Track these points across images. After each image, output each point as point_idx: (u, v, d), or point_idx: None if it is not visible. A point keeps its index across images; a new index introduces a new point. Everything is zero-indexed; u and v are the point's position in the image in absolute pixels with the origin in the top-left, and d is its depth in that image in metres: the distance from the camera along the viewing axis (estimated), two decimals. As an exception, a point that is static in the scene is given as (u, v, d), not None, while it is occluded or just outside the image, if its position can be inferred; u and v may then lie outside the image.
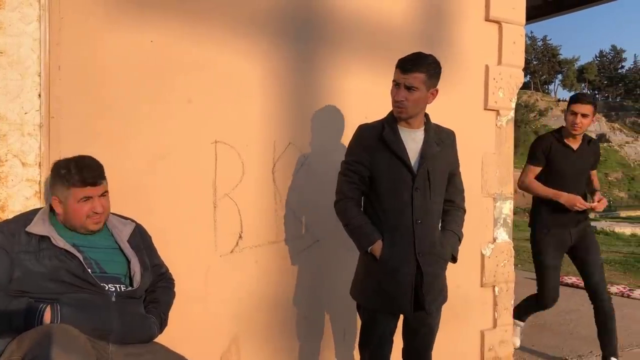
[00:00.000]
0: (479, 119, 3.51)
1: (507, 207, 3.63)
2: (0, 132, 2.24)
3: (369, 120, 2.57)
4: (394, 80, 2.39)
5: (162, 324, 2.23)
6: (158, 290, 2.32)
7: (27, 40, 2.29)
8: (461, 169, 2.69)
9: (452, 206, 2.59)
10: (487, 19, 3.50)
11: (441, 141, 2.49)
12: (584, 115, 3.56)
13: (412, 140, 2.44)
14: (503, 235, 3.62)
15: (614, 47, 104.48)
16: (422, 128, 2.47)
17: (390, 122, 2.45)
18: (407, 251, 2.39)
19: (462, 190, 2.66)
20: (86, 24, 2.41)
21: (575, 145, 3.72)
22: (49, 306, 1.95)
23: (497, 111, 3.56)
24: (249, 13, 2.76)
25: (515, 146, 3.92)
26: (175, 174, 2.60)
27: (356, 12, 3.07)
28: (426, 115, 2.51)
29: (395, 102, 2.39)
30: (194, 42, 2.63)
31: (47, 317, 1.93)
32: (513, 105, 3.63)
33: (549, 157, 3.71)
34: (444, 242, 2.49)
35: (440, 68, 2.42)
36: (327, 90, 3.00)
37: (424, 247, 2.41)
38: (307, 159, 2.95)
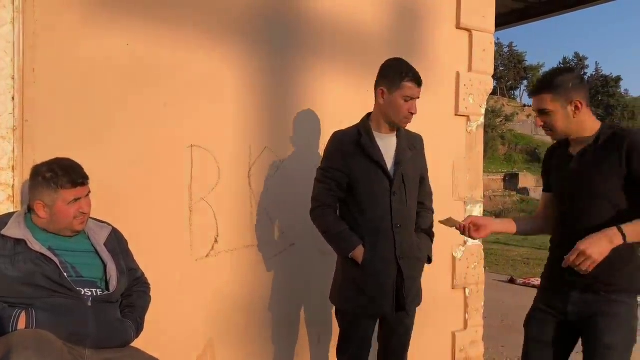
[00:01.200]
0: (450, 125, 3.59)
1: (477, 211, 3.71)
2: (-28, 136, 2.20)
3: (344, 126, 2.61)
4: (406, 95, 2.42)
5: (139, 328, 2.22)
6: (134, 294, 2.31)
7: (0, 42, 2.26)
8: (433, 174, 2.75)
9: (423, 208, 2.66)
10: (458, 27, 3.59)
11: (413, 146, 2.56)
12: (542, 112, 2.19)
13: (387, 146, 2.50)
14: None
15: (577, 55, 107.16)
16: (394, 133, 2.53)
17: (367, 129, 2.49)
18: (388, 255, 2.45)
19: (431, 193, 2.74)
20: (61, 26, 2.39)
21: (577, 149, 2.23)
22: (23, 311, 1.92)
23: (468, 117, 3.64)
24: (226, 17, 2.78)
25: (484, 150, 4.01)
26: (151, 177, 2.59)
27: (332, 18, 3.11)
28: None
29: (409, 115, 2.46)
30: (170, 46, 2.63)
31: (22, 322, 1.91)
32: (483, 111, 3.72)
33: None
34: (421, 245, 2.55)
35: None
36: (303, 94, 3.03)
37: (404, 251, 2.47)
38: (282, 164, 2.98)
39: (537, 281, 7.60)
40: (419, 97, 2.47)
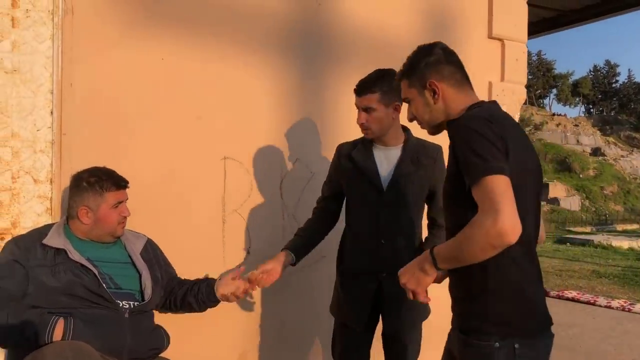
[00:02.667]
0: (482, 135, 3.54)
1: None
2: (13, 149, 2.26)
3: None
4: (356, 105, 2.39)
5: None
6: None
7: (40, 58, 2.31)
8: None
9: (435, 225, 2.52)
10: (490, 36, 3.55)
11: (418, 160, 2.40)
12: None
13: (386, 159, 2.40)
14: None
15: (607, 62, 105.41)
16: (400, 146, 2.42)
17: (366, 141, 2.45)
18: (369, 269, 2.38)
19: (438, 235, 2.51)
20: (98, 42, 2.44)
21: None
22: (61, 319, 1.94)
23: (501, 127, 3.59)
24: (258, 31, 2.80)
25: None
26: (185, 189, 2.62)
27: (364, 29, 3.11)
28: (407, 131, 2.46)
29: (360, 126, 2.38)
30: (204, 60, 2.66)
31: (60, 329, 1.92)
32: (517, 120, 3.66)
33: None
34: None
35: (390, 83, 2.33)
36: (335, 106, 3.03)
37: (388, 268, 2.30)
38: (314, 175, 2.98)
39: (571, 293, 7.48)
40: (365, 106, 2.32)
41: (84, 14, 2.40)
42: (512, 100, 3.63)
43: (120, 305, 2.08)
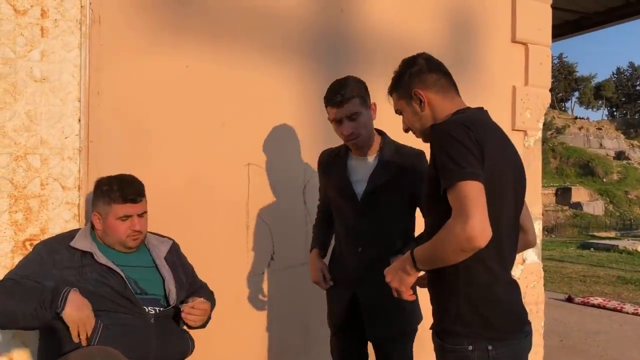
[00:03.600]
0: (506, 140, 3.50)
1: (536, 228, 3.60)
2: (42, 157, 2.29)
3: (400, 142, 2.58)
4: (332, 120, 2.31)
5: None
6: (197, 292, 2.34)
7: (68, 66, 2.35)
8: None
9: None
10: (514, 41, 3.53)
11: (396, 167, 2.33)
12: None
13: (362, 168, 2.36)
14: (532, 257, 3.59)
15: (631, 64, 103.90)
16: (375, 155, 2.37)
17: (345, 148, 2.42)
18: (345, 276, 2.37)
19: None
20: (124, 50, 2.47)
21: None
22: (74, 289, 1.93)
23: (525, 132, 3.56)
24: (282, 37, 2.82)
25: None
26: (210, 195, 2.64)
27: (386, 35, 3.11)
28: (383, 135, 2.42)
29: (346, 138, 2.31)
30: (228, 67, 2.68)
31: (75, 295, 1.91)
32: (540, 125, 3.63)
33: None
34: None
35: (363, 82, 2.35)
36: (357, 112, 3.02)
37: (363, 277, 2.31)
38: (337, 181, 2.97)
39: (596, 300, 7.35)
40: (350, 112, 2.26)
41: (110, 23, 2.44)
42: (536, 105, 3.60)
43: (147, 310, 2.10)
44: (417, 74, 1.80)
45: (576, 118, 75.51)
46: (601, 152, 62.22)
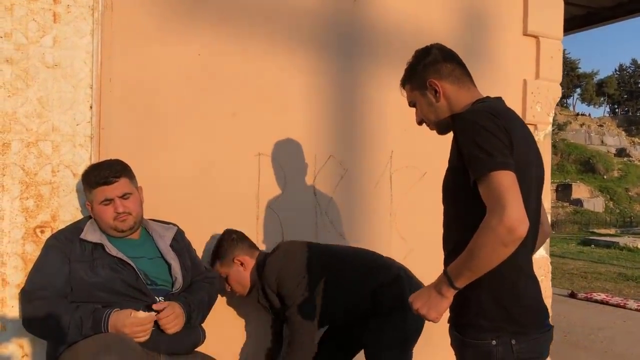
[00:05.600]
0: (516, 133, 3.49)
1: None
2: (53, 143, 2.28)
3: (409, 134, 2.57)
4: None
5: (190, 314, 2.14)
6: (194, 284, 2.28)
7: (80, 53, 2.33)
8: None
9: None
10: (525, 34, 3.50)
11: None
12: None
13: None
14: (540, 251, 3.57)
15: (634, 61, 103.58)
16: None
17: None
18: None
19: None
20: (136, 37, 2.45)
21: None
22: (115, 311, 1.95)
23: (535, 125, 3.54)
24: (294, 28, 2.80)
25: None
26: (220, 185, 2.62)
27: (397, 26, 3.09)
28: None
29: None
30: (239, 56, 2.66)
31: (117, 316, 1.94)
32: (551, 119, 3.61)
33: None
34: None
35: None
36: (368, 103, 3.01)
37: None
38: (346, 172, 2.96)
39: (599, 296, 7.35)
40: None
41: (123, 10, 2.42)
42: (546, 99, 3.57)
43: (158, 300, 2.09)
44: (431, 64, 1.75)
45: (578, 114, 75.38)
46: (602, 149, 62.13)
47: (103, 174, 2.09)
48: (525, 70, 3.53)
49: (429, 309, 1.57)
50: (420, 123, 1.86)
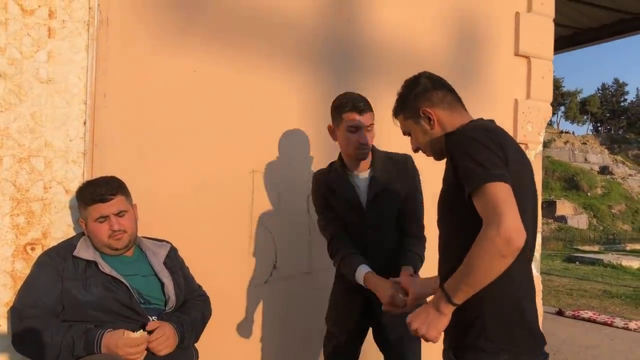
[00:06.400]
0: (508, 152, 3.51)
1: (536, 242, 3.61)
2: (46, 159, 2.25)
3: (402, 150, 2.56)
4: (350, 126, 2.28)
5: (184, 334, 2.10)
6: (188, 303, 2.25)
7: (74, 68, 2.31)
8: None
9: (405, 236, 2.41)
10: (517, 54, 3.54)
11: (388, 173, 2.39)
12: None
13: (361, 181, 2.38)
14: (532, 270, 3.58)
15: (616, 81, 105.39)
16: (367, 169, 2.40)
17: (339, 169, 2.40)
18: (357, 283, 2.27)
19: (414, 214, 2.43)
20: (132, 53, 2.44)
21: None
22: (108, 331, 1.91)
23: (527, 145, 3.57)
24: (289, 44, 2.80)
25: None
26: (214, 202, 2.60)
27: (391, 44, 3.11)
28: (374, 148, 2.43)
29: (360, 146, 2.29)
30: (236, 73, 2.66)
31: (110, 337, 1.89)
32: (541, 139, 3.64)
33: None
34: None
35: None
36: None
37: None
38: (340, 190, 2.95)
39: (586, 314, 7.38)
40: (368, 125, 2.30)
41: (118, 25, 2.40)
42: (537, 118, 3.61)
43: (151, 320, 2.05)
44: (422, 93, 1.78)
45: (562, 132, 76.35)
46: (586, 166, 62.86)
47: (99, 191, 2.06)
48: (516, 90, 3.57)
49: (428, 328, 1.54)
50: (416, 150, 1.89)
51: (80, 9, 2.32)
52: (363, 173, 2.39)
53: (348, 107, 2.30)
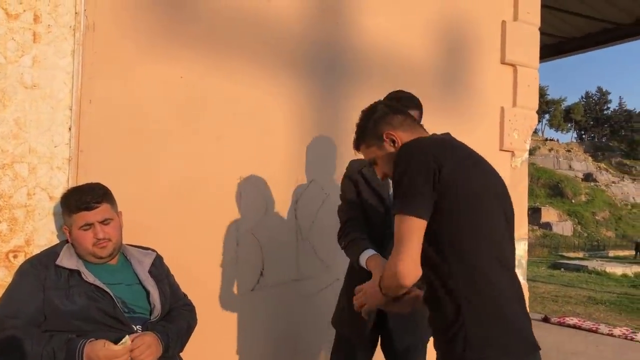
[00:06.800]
0: (494, 160, 3.47)
1: (522, 248, 3.63)
2: (30, 166, 2.22)
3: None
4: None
5: (169, 342, 2.05)
6: (173, 311, 2.21)
7: (60, 74, 2.29)
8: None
9: None
10: (503, 62, 3.56)
11: None
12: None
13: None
14: (519, 277, 3.60)
15: (599, 89, 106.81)
16: None
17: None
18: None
19: None
20: (118, 59, 2.42)
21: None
22: (90, 341, 1.87)
23: (513, 152, 3.59)
24: (276, 50, 2.80)
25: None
26: (201, 209, 2.58)
27: (379, 51, 3.12)
28: None
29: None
30: (223, 79, 2.65)
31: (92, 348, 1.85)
32: (527, 146, 3.67)
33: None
34: None
35: None
36: (350, 128, 3.00)
37: None
38: (328, 196, 2.94)
39: (572, 320, 7.42)
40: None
41: (105, 31, 2.38)
42: (523, 126, 3.63)
43: (135, 329, 2.02)
44: (381, 118, 1.80)
45: (546, 140, 77.10)
46: (570, 173, 63.53)
47: (84, 199, 2.03)
48: (502, 98, 3.59)
49: (365, 300, 1.85)
50: (383, 178, 1.89)
51: (66, 13, 2.30)
52: None
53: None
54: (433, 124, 3.21)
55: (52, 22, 2.27)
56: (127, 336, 1.90)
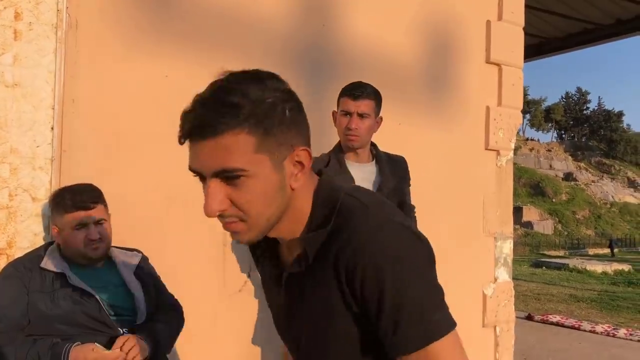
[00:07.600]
0: (480, 159, 3.55)
1: (507, 247, 3.65)
2: (11, 166, 2.17)
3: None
4: (342, 110, 2.34)
5: (156, 345, 2.01)
6: (159, 312, 2.16)
7: (42, 72, 2.24)
8: (464, 208, 2.69)
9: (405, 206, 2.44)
10: (488, 61, 3.58)
11: (395, 173, 2.42)
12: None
13: (362, 174, 2.36)
14: (504, 275, 3.62)
15: (579, 89, 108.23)
16: (372, 162, 2.42)
17: (337, 154, 2.40)
18: None
19: (414, 218, 2.48)
20: (101, 57, 2.38)
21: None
22: (76, 345, 1.83)
23: (498, 151, 3.61)
24: (263, 50, 2.77)
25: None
26: (187, 211, 2.54)
27: (365, 50, 3.11)
28: (374, 146, 2.46)
29: (347, 131, 2.32)
30: (208, 79, 2.61)
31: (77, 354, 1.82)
32: (512, 145, 3.69)
33: None
34: None
35: (380, 94, 2.41)
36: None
37: None
38: (315, 197, 2.93)
39: (554, 318, 7.50)
40: (362, 111, 2.31)
41: (88, 29, 2.34)
42: (508, 125, 3.65)
43: (121, 332, 1.99)
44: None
45: (527, 139, 77.88)
46: (551, 173, 64.30)
47: (80, 198, 1.99)
48: (488, 97, 3.60)
49: None
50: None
51: (48, 11, 2.25)
52: (366, 165, 2.39)
53: (344, 92, 2.36)
54: (419, 123, 3.23)
55: (33, 19, 2.23)
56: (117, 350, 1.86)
